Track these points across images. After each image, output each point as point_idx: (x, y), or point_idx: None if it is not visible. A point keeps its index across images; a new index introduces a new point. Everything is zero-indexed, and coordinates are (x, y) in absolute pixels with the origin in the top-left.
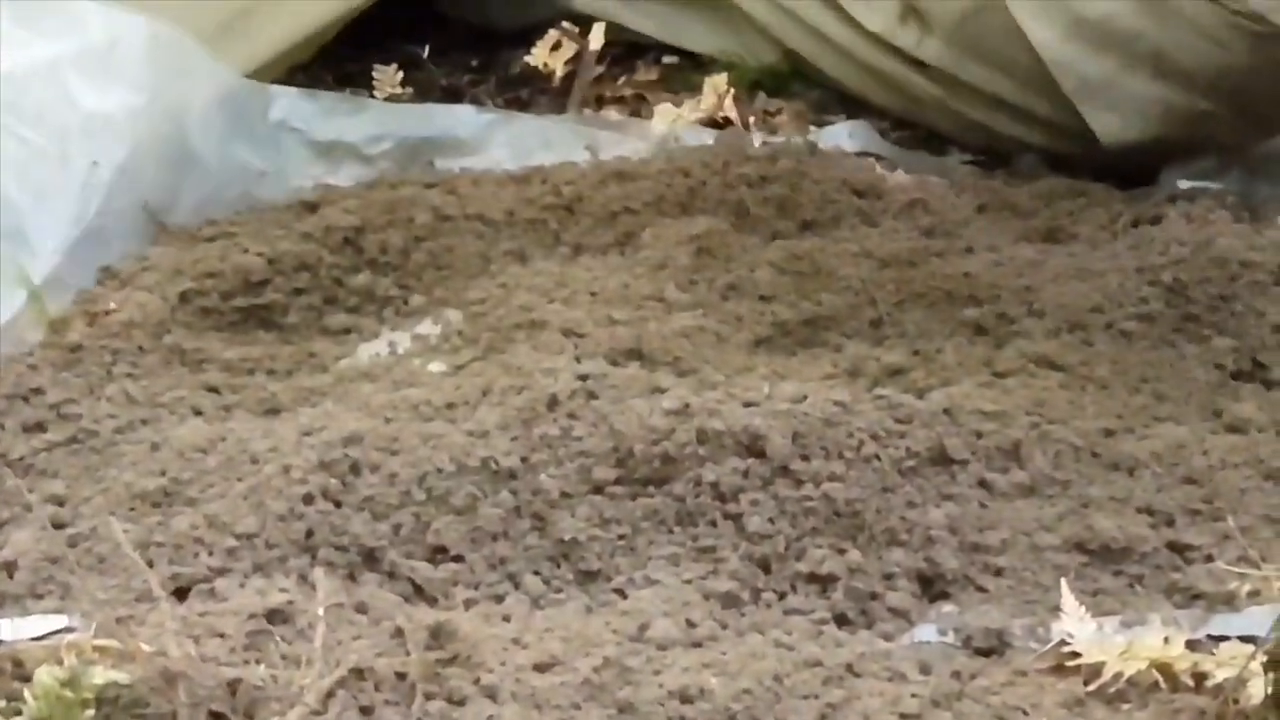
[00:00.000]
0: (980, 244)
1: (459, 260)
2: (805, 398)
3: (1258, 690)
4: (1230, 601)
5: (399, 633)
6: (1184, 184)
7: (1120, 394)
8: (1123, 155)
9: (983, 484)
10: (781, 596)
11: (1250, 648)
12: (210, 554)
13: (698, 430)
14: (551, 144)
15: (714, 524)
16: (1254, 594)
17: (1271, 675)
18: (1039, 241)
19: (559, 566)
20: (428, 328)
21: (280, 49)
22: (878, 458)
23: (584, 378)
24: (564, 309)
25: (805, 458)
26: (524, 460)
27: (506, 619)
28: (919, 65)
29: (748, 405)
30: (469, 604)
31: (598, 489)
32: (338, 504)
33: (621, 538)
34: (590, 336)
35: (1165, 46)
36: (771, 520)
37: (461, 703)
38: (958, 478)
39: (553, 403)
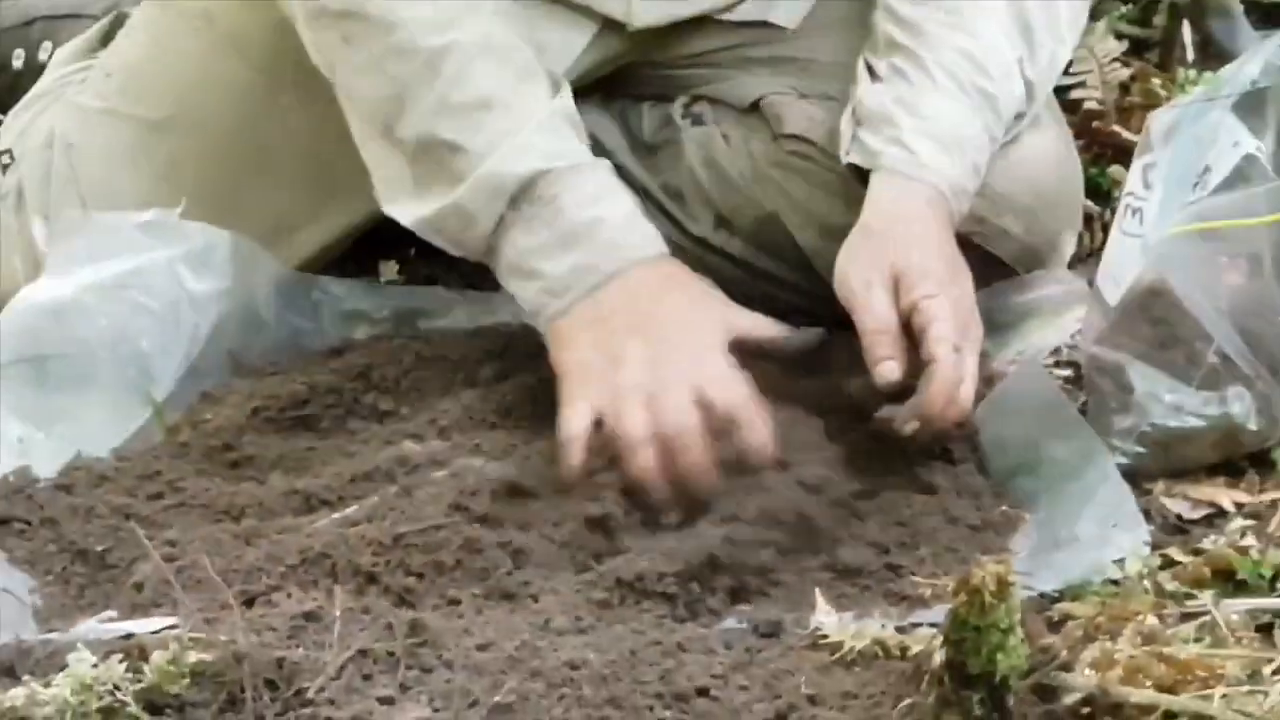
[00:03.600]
0: None
1: (431, 387)
2: None
3: (939, 658)
4: (924, 602)
5: (389, 627)
6: None
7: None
8: None
9: None
10: (638, 603)
11: (934, 631)
12: (268, 577)
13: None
14: (495, 314)
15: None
16: (938, 597)
17: (946, 649)
18: None
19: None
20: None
21: (315, 252)
22: None
23: None
24: None
25: None
26: (481, 519)
27: (460, 617)
28: (731, 259)
29: None
30: (435, 608)
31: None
32: (351, 548)
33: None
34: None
35: None
36: None
37: (429, 671)
38: None
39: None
